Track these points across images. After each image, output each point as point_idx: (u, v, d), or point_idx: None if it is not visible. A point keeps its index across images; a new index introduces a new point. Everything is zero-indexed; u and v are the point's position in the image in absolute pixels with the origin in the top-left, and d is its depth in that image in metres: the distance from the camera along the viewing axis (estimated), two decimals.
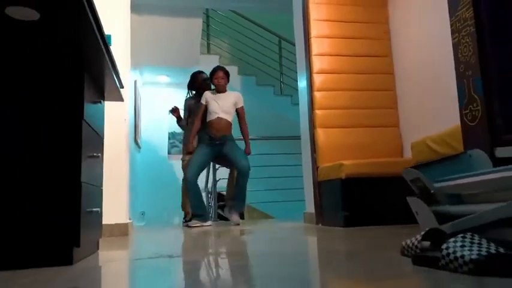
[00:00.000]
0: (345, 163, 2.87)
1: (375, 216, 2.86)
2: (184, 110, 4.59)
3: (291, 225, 3.56)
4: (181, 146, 7.30)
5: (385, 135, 3.43)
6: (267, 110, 6.59)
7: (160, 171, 7.03)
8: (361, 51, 3.54)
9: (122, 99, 2.21)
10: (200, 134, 3.96)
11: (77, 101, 1.49)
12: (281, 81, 6.99)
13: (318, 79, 3.43)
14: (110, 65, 1.75)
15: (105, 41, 1.63)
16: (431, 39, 3.10)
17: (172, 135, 7.12)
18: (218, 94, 3.94)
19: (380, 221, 2.81)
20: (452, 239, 1.03)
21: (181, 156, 7.23)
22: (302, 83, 3.62)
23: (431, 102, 3.10)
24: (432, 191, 1.36)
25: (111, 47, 3.21)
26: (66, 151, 1.45)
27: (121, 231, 2.99)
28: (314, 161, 3.35)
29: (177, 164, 7.20)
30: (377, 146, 3.38)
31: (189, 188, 3.78)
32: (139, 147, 6.55)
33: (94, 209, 1.68)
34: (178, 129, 7.19)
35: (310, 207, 3.46)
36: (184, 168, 4.20)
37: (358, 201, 2.89)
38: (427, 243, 1.22)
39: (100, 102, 1.83)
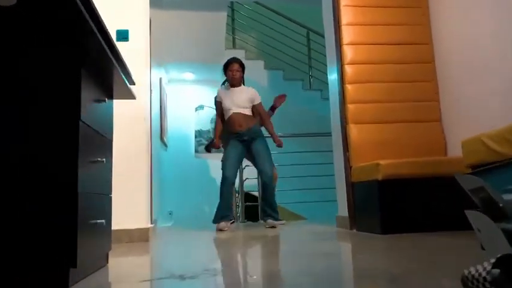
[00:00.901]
0: (382, 163, 2.58)
1: (416, 221, 2.57)
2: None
3: (323, 229, 3.30)
4: (208, 143, 7.17)
5: (425, 131, 3.10)
6: (295, 105, 6.31)
7: (188, 170, 6.90)
8: (397, 39, 3.23)
9: (133, 97, 2.01)
10: (226, 134, 3.76)
11: (71, 99, 1.30)
12: (310, 75, 6.70)
13: (349, 70, 3.14)
14: (114, 61, 1.55)
15: (106, 34, 1.43)
16: (478, 24, 2.75)
17: (199, 133, 6.97)
18: (232, 89, 3.71)
19: (422, 228, 2.51)
20: None
21: (208, 154, 7.14)
22: (332, 75, 3.34)
23: (477, 94, 2.76)
24: (501, 205, 1.08)
25: (127, 42, 3.07)
26: (60, 157, 1.26)
27: (141, 236, 2.82)
28: (347, 160, 3.07)
29: (204, 162, 7.07)
30: (417, 143, 3.06)
31: (225, 187, 3.54)
32: (165, 145, 6.44)
33: (98, 221, 1.50)
34: (205, 127, 7.04)
35: (343, 211, 3.19)
36: None
37: (397, 205, 2.60)
38: (497, 272, 0.95)
39: (105, 100, 1.64)
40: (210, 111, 7.01)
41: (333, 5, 3.26)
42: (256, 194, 5.17)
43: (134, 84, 1.99)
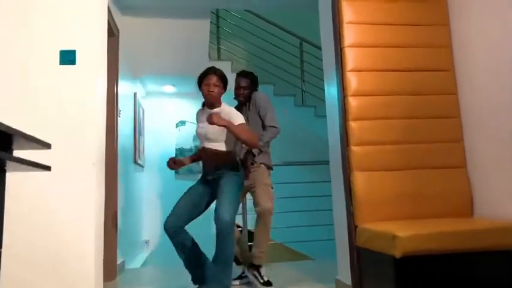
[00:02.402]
0: (400, 235, 1.97)
1: None
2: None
3: None
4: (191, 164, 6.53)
5: (448, 181, 2.50)
6: (286, 123, 5.70)
7: (167, 193, 6.23)
8: (412, 65, 2.63)
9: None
10: None
11: None
12: (303, 90, 6.09)
13: (354, 104, 2.53)
14: None
15: None
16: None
17: (180, 152, 6.31)
18: (208, 111, 2.71)
19: None
20: None
21: (190, 175, 6.48)
22: (331, 110, 2.71)
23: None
24: None
25: (74, 65, 2.43)
26: None
27: None
28: (351, 217, 2.45)
29: (186, 185, 6.40)
30: (438, 196, 2.46)
31: (171, 239, 2.69)
32: (142, 166, 5.78)
33: None
34: (186, 145, 6.38)
35: (344, 276, 2.58)
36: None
37: (418, 286, 2.00)
38: None
39: None
40: (193, 128, 6.37)
41: (333, 22, 2.65)
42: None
43: (50, 147, 1.35)
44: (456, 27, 2.67)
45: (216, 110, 2.68)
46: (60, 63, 2.38)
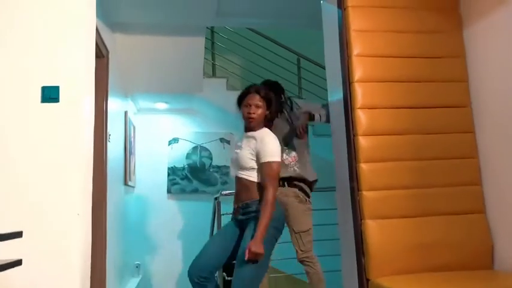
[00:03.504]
0: None
1: None
2: None
3: None
4: (182, 182, 6.27)
5: (465, 228, 2.32)
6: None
7: (159, 214, 5.98)
8: (426, 101, 2.44)
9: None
10: None
11: None
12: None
13: (364, 144, 2.33)
14: None
15: None
16: None
17: (172, 171, 6.06)
18: (245, 134, 2.36)
19: None
20: None
21: (183, 195, 6.24)
22: (339, 151, 2.49)
23: None
24: None
25: (57, 103, 2.19)
26: None
27: None
28: (362, 269, 2.25)
29: (179, 205, 6.16)
30: (454, 244, 2.28)
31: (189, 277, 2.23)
32: (132, 187, 5.53)
33: None
34: (179, 164, 6.13)
35: None
36: None
37: None
38: None
39: None
40: (186, 145, 6.15)
41: (341, 54, 2.44)
42: None
43: (21, 236, 1.12)
44: (472, 60, 2.49)
45: (250, 134, 2.30)
46: (42, 101, 2.14)
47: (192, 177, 6.09)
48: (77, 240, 2.07)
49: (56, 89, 2.15)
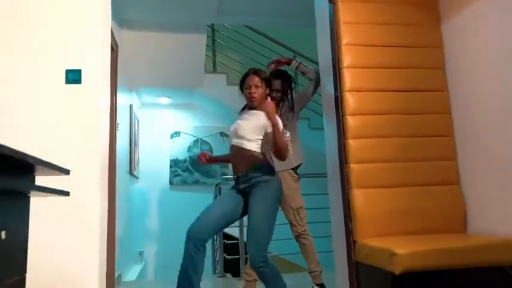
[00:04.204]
0: (399, 252, 2.05)
1: None
2: None
3: None
4: (184, 174, 6.53)
5: (442, 197, 2.60)
6: None
7: (161, 204, 6.26)
8: (408, 85, 2.73)
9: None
10: None
11: None
12: None
13: (352, 123, 2.61)
14: None
15: None
16: (506, 67, 2.29)
17: (174, 163, 6.34)
18: (249, 111, 2.55)
19: None
20: None
21: (184, 186, 6.50)
22: (330, 128, 2.80)
23: (509, 153, 2.28)
24: None
25: (80, 84, 2.47)
26: None
27: None
28: (349, 232, 2.53)
29: (180, 195, 6.43)
30: (433, 212, 2.56)
31: (187, 249, 2.29)
32: (136, 177, 5.80)
33: None
34: (181, 156, 6.42)
35: None
36: None
37: None
38: None
39: None
40: (187, 139, 6.42)
41: (332, 43, 2.74)
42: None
43: (68, 173, 1.40)
44: (449, 50, 2.78)
45: (254, 111, 2.49)
46: (66, 83, 2.42)
47: (193, 169, 6.37)
48: (96, 204, 2.35)
49: (78, 72, 2.44)
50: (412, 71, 2.74)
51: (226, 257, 4.26)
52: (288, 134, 3.11)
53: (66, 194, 1.37)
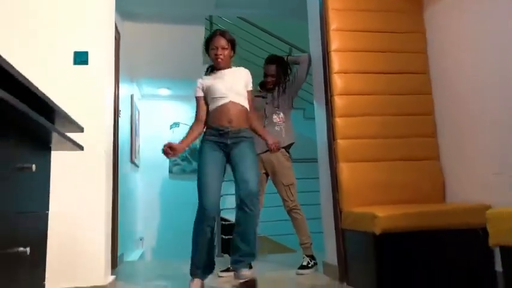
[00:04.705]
0: (380, 215, 2.25)
1: (417, 280, 2.25)
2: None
3: (309, 279, 2.95)
4: (183, 164, 6.73)
5: (423, 171, 2.80)
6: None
7: (161, 192, 6.46)
8: (392, 67, 2.93)
9: (80, 148, 1.62)
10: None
11: None
12: None
13: (340, 102, 2.81)
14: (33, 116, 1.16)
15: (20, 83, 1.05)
16: (482, 52, 2.49)
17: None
18: (221, 71, 2.61)
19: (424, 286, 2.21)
20: None
21: (183, 175, 6.69)
22: (320, 107, 3.00)
23: (482, 131, 2.48)
24: None
25: (87, 65, 2.67)
26: None
27: None
28: (336, 202, 2.73)
29: (179, 184, 6.62)
30: (414, 184, 2.76)
31: (203, 224, 2.39)
32: (137, 166, 5.99)
33: (20, 249, 1.10)
34: None
35: (331, 258, 2.85)
36: None
37: (396, 261, 2.27)
38: None
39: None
40: (186, 129, 6.59)
41: (321, 28, 2.94)
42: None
43: (83, 131, 1.60)
44: (431, 36, 2.98)
45: (227, 70, 2.60)
46: (74, 64, 2.61)
47: (191, 158, 6.56)
48: (103, 172, 2.55)
49: (85, 53, 2.64)
50: (395, 55, 2.94)
51: (224, 237, 4.46)
52: (281, 115, 3.33)
53: (81, 148, 1.56)
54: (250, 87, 2.65)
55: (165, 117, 6.61)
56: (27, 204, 1.25)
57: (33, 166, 1.14)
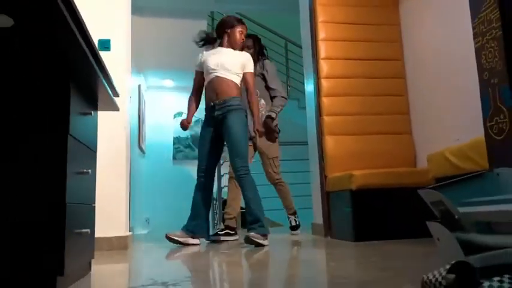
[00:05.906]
0: (355, 173, 2.71)
1: (387, 229, 2.70)
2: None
3: (299, 236, 3.41)
4: (186, 150, 7.20)
5: (397, 143, 3.26)
6: None
7: (166, 177, 6.91)
8: (371, 55, 3.38)
9: (116, 109, 2.08)
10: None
11: (61, 115, 1.36)
12: (288, 85, 6.84)
13: (325, 84, 3.28)
14: (100, 74, 1.62)
15: (93, 47, 1.50)
16: (447, 42, 2.94)
17: (177, 140, 7.00)
18: (226, 49, 2.92)
19: (392, 235, 2.65)
20: (487, 283, 0.87)
21: (186, 161, 7.16)
22: (309, 88, 3.47)
23: (447, 109, 2.93)
24: (457, 217, 1.20)
25: (109, 52, 3.12)
26: (49, 170, 1.31)
27: (120, 244, 2.85)
28: (322, 169, 3.19)
29: (182, 169, 7.09)
30: (389, 154, 3.22)
31: (196, 190, 2.98)
32: (143, 152, 6.45)
33: (83, 230, 1.55)
34: (183, 134, 7.08)
35: (318, 218, 3.31)
36: None
37: (369, 213, 2.73)
38: (451, 276, 1.06)
39: (91, 113, 1.69)
40: None
41: (311, 20, 3.40)
42: None
43: (118, 96, 2.05)
44: (405, 27, 3.44)
45: (228, 50, 2.91)
46: (98, 50, 3.06)
47: (194, 145, 7.02)
48: (123, 141, 3.00)
49: (108, 41, 3.08)
50: (374, 44, 3.40)
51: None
52: (262, 102, 3.75)
53: (117, 108, 2.02)
54: (248, 70, 2.89)
55: (170, 107, 7.07)
56: (86, 198, 1.67)
57: (90, 171, 1.59)
